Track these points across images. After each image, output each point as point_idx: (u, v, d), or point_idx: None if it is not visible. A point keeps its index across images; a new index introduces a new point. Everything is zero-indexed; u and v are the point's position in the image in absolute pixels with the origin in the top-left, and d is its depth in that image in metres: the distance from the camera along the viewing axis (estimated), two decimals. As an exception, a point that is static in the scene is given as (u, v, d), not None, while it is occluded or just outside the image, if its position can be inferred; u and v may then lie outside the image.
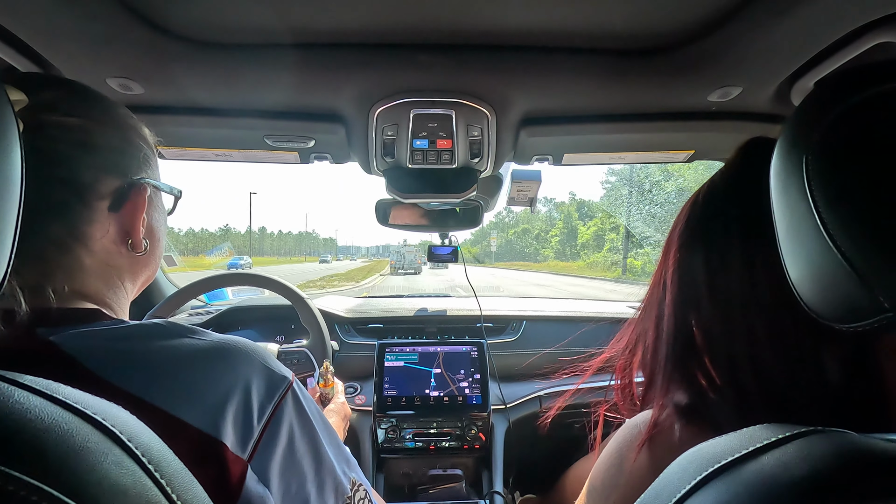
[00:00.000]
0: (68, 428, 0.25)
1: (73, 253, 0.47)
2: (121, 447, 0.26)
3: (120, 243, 0.50)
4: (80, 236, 0.47)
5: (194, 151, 0.98)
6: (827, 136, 0.32)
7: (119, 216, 0.49)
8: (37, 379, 0.27)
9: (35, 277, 0.44)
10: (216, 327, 1.48)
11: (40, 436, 0.24)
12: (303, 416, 0.49)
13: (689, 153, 1.02)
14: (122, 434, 0.27)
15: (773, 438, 0.31)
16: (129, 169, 0.50)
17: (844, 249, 0.30)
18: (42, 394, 0.26)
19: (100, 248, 0.48)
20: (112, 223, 0.49)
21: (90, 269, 0.48)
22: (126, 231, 0.50)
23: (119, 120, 0.51)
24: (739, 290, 0.45)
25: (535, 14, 0.63)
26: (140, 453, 0.27)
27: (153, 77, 0.74)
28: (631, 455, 0.49)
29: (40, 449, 0.23)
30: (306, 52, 0.70)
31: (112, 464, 0.25)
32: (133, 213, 0.50)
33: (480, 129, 0.86)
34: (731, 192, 0.49)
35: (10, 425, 0.23)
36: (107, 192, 0.48)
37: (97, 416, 0.27)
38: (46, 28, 0.62)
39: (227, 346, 0.46)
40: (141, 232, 0.51)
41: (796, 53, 0.66)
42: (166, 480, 0.27)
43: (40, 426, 0.24)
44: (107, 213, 0.48)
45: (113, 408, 0.29)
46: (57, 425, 0.25)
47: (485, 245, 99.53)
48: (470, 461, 1.30)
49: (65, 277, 0.46)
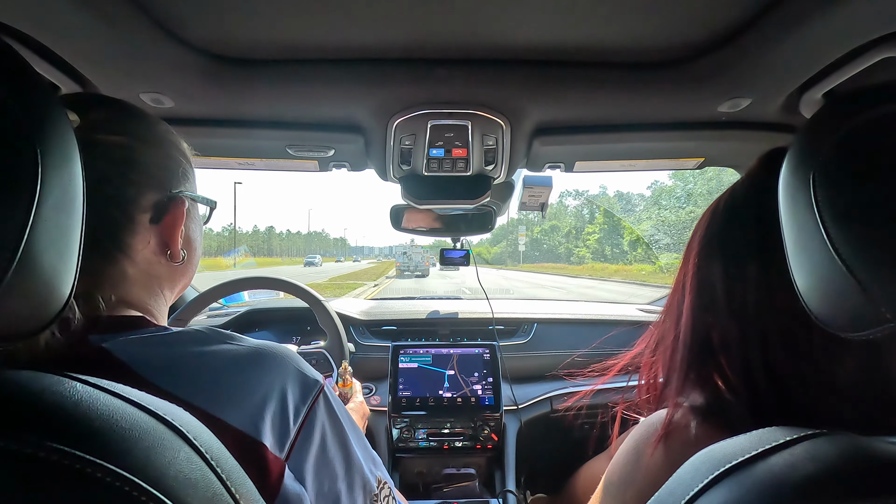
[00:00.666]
0: (146, 427, 0.28)
1: (119, 263, 0.49)
2: (189, 445, 0.29)
3: (160, 254, 0.53)
4: (124, 248, 0.49)
5: (219, 160, 1.01)
6: (833, 154, 0.34)
7: (159, 228, 0.52)
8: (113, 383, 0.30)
9: (86, 287, 0.46)
10: (234, 329, 1.51)
11: (126, 434, 0.27)
12: (333, 417, 0.52)
13: (699, 161, 1.04)
14: (189, 433, 0.30)
15: (781, 440, 0.33)
16: (168, 183, 0.53)
17: (849, 263, 0.31)
18: (122, 397, 0.29)
19: (142, 258, 0.51)
20: (153, 235, 0.52)
21: (133, 279, 0.51)
22: (165, 242, 0.53)
23: (160, 137, 0.54)
24: (755, 296, 0.47)
25: (548, 30, 0.65)
26: (204, 451, 0.30)
27: (182, 91, 0.77)
28: (648, 451, 0.50)
29: (128, 446, 0.26)
30: (327, 67, 0.73)
31: (184, 460, 0.28)
32: (172, 225, 0.52)
33: (495, 138, 0.89)
34: (750, 202, 0.50)
35: (101, 425, 0.27)
36: (148, 205, 0.51)
37: (167, 416, 0.30)
38: (85, 47, 0.65)
39: (264, 352, 0.49)
40: (179, 242, 0.53)
41: (806, 66, 0.68)
42: (226, 476, 0.30)
43: (125, 425, 0.27)
44: (148, 226, 0.51)
45: (178, 410, 0.32)
46: (137, 425, 0.28)
47: (510, 241, 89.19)
48: (483, 461, 1.33)
49: (112, 286, 0.49)
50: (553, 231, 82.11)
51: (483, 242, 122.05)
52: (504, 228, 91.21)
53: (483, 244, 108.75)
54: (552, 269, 49.64)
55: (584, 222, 79.80)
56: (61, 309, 0.32)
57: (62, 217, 0.31)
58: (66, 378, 0.28)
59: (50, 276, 0.30)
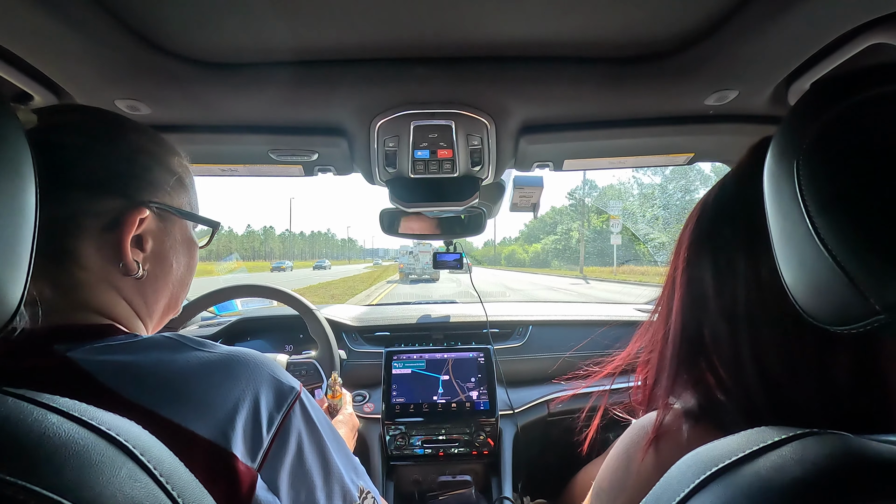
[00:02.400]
0: (84, 444, 0.26)
1: (67, 268, 0.47)
2: (134, 461, 0.27)
3: (114, 263, 0.50)
4: (70, 252, 0.47)
5: (201, 167, 1.00)
6: (817, 141, 0.33)
7: (112, 236, 0.49)
8: (54, 397, 0.28)
9: (47, 293, 0.45)
10: (226, 338, 1.50)
11: (58, 452, 0.25)
12: (311, 426, 0.50)
13: (688, 156, 1.03)
14: (134, 448, 0.28)
15: (769, 441, 0.31)
16: (130, 191, 0.50)
17: (836, 253, 0.30)
18: (59, 411, 0.27)
19: (93, 264, 0.48)
20: (105, 243, 0.49)
21: (90, 285, 0.48)
22: (116, 252, 0.49)
23: (127, 142, 0.51)
24: (745, 292, 0.45)
25: (531, 25, 0.64)
26: (152, 466, 0.28)
27: (159, 98, 0.76)
28: (638, 456, 0.49)
29: (58, 464, 0.24)
30: (307, 69, 0.72)
31: (126, 477, 0.26)
32: (120, 235, 0.49)
33: (480, 138, 0.88)
34: (740, 194, 0.49)
35: (29, 442, 0.25)
36: (103, 211, 0.48)
37: (111, 431, 0.28)
38: (57, 54, 0.64)
39: (235, 358, 0.47)
40: (131, 254, 0.50)
41: (791, 57, 0.67)
42: (178, 492, 0.29)
43: (57, 442, 0.25)
44: (99, 232, 0.48)
45: (125, 423, 0.30)
46: (73, 441, 0.26)
47: (561, 236, 64.68)
48: (479, 467, 1.31)
49: (65, 292, 0.47)
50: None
51: (511, 241, 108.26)
52: (544, 221, 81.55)
53: (515, 242, 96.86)
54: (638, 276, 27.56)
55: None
56: (10, 319, 0.30)
57: (9, 223, 0.29)
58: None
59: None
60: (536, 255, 73.66)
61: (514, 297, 15.20)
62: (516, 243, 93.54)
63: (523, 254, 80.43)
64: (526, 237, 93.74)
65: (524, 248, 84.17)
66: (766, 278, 0.43)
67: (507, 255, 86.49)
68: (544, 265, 64.72)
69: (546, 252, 69.69)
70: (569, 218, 68.91)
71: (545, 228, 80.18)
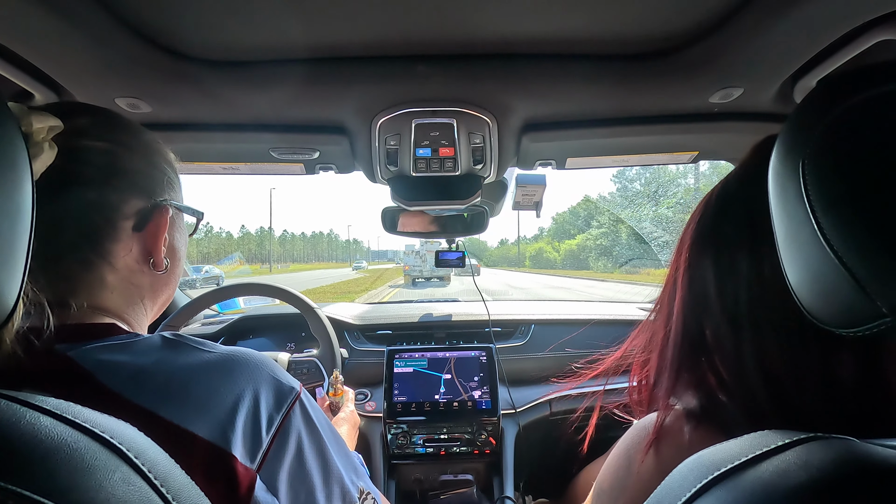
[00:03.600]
0: (77, 447, 0.26)
1: (97, 270, 0.48)
2: (128, 464, 0.27)
3: (142, 262, 0.52)
4: (104, 254, 0.48)
5: (201, 166, 1.00)
6: (824, 139, 0.32)
7: (142, 236, 0.51)
8: (48, 398, 0.28)
9: (62, 294, 0.46)
10: (228, 336, 1.50)
11: (50, 455, 0.25)
12: (311, 426, 0.50)
13: (693, 154, 1.02)
14: (129, 451, 0.28)
15: (772, 445, 0.31)
16: (153, 191, 0.52)
17: (842, 255, 0.29)
18: (52, 413, 0.27)
19: (122, 265, 0.50)
20: (135, 242, 0.51)
21: (112, 286, 0.50)
22: (148, 250, 0.52)
23: (145, 145, 0.53)
24: (747, 292, 0.45)
25: (532, 22, 0.63)
26: (147, 469, 0.28)
27: (159, 96, 0.76)
28: (638, 457, 0.49)
29: (50, 468, 0.24)
30: (307, 67, 0.71)
31: (119, 481, 0.26)
32: (155, 234, 0.52)
33: (482, 136, 0.87)
34: (742, 193, 0.48)
35: (21, 446, 0.24)
36: (131, 212, 0.50)
37: (105, 434, 0.27)
38: (57, 53, 0.64)
39: (234, 358, 0.47)
40: (162, 251, 0.52)
41: (797, 53, 0.66)
42: (172, 495, 0.28)
43: (50, 445, 0.25)
44: (131, 233, 0.50)
45: (121, 425, 0.30)
46: (66, 444, 0.25)
47: (605, 226, 49.80)
48: (481, 466, 1.30)
49: (87, 294, 0.48)
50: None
51: (530, 240, 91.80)
52: (577, 215, 68.58)
53: (542, 239, 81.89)
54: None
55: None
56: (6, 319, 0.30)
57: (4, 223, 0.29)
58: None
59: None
60: (571, 254, 62.21)
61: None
62: (543, 240, 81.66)
63: (553, 252, 70.44)
64: (555, 233, 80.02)
65: (554, 245, 73.75)
66: (770, 278, 0.43)
67: (534, 254, 77.50)
68: (582, 266, 54.33)
69: (584, 250, 56.84)
70: (617, 207, 52.12)
71: (578, 224, 68.49)
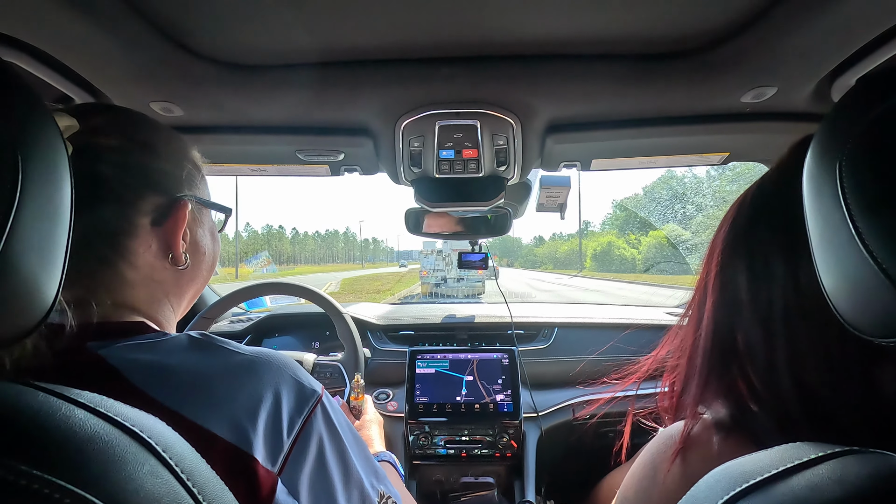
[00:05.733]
0: (109, 439, 0.27)
1: (117, 268, 0.49)
2: (156, 457, 0.28)
3: (162, 258, 0.52)
4: (123, 251, 0.49)
5: (231, 167, 1.02)
6: (863, 139, 0.31)
7: (161, 231, 0.51)
8: (83, 392, 0.29)
9: (82, 292, 0.47)
10: (255, 334, 1.54)
11: (83, 447, 0.26)
12: (332, 429, 0.50)
13: (723, 155, 0.99)
14: (157, 445, 0.29)
15: (805, 458, 0.29)
16: (171, 187, 0.52)
17: (881, 259, 0.28)
18: (86, 407, 0.28)
19: (143, 262, 0.50)
20: (154, 238, 0.51)
21: (134, 283, 0.50)
22: (167, 245, 0.52)
23: (162, 141, 0.53)
24: (782, 297, 0.43)
25: (556, 22, 0.63)
26: (174, 463, 0.29)
27: (191, 100, 0.78)
28: (664, 466, 0.48)
29: (83, 459, 0.25)
30: (332, 71, 0.72)
31: (148, 473, 0.27)
32: (173, 229, 0.52)
33: (506, 137, 0.87)
34: (779, 194, 0.46)
35: (56, 437, 0.25)
36: (149, 208, 0.50)
37: (135, 427, 0.28)
38: (93, 58, 0.66)
39: (258, 360, 0.47)
40: (181, 246, 0.53)
41: (833, 51, 0.63)
42: (198, 489, 0.29)
43: (83, 437, 0.26)
44: (149, 229, 0.51)
45: (150, 419, 0.31)
46: (98, 437, 0.26)
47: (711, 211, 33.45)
48: (502, 469, 1.29)
49: (109, 291, 0.49)
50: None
51: (610, 225, 63.15)
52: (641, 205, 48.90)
53: (602, 234, 57.42)
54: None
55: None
56: (43, 317, 0.32)
57: (45, 224, 0.30)
58: (28, 387, 0.28)
59: (31, 284, 0.30)
60: (656, 250, 47.08)
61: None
62: (607, 233, 59.77)
63: (627, 249, 52.85)
64: (622, 225, 57.80)
65: (630, 239, 52.30)
66: (806, 283, 0.41)
67: (600, 251, 61.22)
68: (681, 270, 34.21)
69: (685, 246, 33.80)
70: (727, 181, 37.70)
71: (658, 210, 48.42)
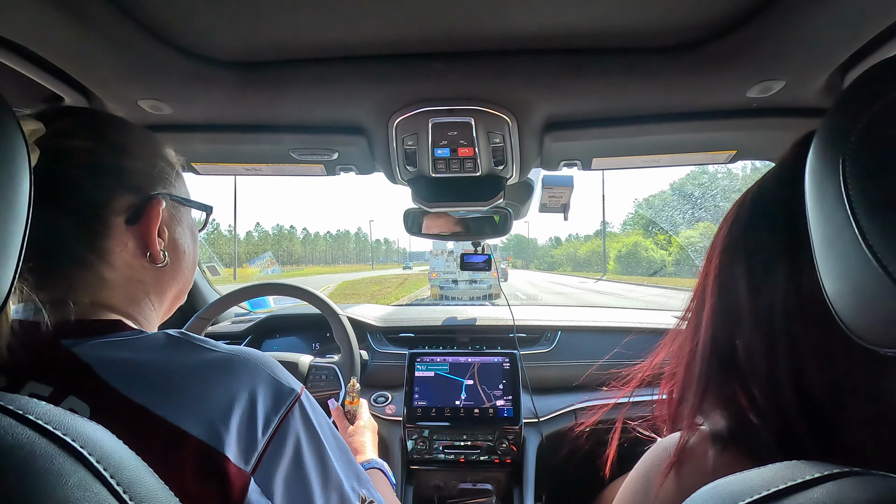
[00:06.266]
0: (32, 449, 0.25)
1: (94, 268, 0.49)
2: (87, 468, 0.26)
3: (140, 256, 0.52)
4: (99, 251, 0.49)
5: (225, 167, 1.01)
6: (867, 134, 0.29)
7: (136, 230, 0.51)
8: (16, 397, 0.28)
9: (59, 293, 0.47)
10: (256, 334, 1.54)
11: (4, 457, 0.24)
12: (311, 430, 0.49)
13: (730, 153, 0.95)
14: (90, 455, 0.27)
15: (800, 479, 0.27)
16: (143, 185, 0.52)
17: (886, 263, 0.26)
18: (13, 414, 0.26)
19: (120, 262, 0.50)
20: (130, 237, 0.51)
21: (112, 283, 0.50)
22: (144, 244, 0.52)
23: (133, 140, 0.53)
24: (784, 303, 0.40)
25: (552, 16, 0.60)
26: (109, 475, 0.27)
27: (180, 97, 0.77)
28: (657, 480, 0.45)
29: (1, 470, 0.23)
30: (322, 67, 0.71)
31: (75, 486, 0.25)
32: (148, 227, 0.51)
33: (502, 135, 0.84)
34: (781, 194, 0.44)
35: None
36: (122, 207, 0.50)
37: (66, 436, 0.27)
38: (83, 59, 0.66)
39: (234, 358, 0.47)
40: (158, 244, 0.52)
41: (844, 42, 0.60)
42: (137, 501, 0.27)
43: (5, 447, 0.24)
44: (124, 228, 0.50)
45: (88, 427, 0.29)
46: (21, 446, 0.25)
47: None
48: (501, 475, 1.27)
49: (87, 292, 0.48)
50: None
51: (633, 225, 55.28)
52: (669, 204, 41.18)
53: (627, 233, 49.82)
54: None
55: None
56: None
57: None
58: None
59: None
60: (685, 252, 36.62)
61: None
62: (631, 233, 54.23)
63: (656, 251, 45.62)
64: (647, 224, 48.06)
65: (658, 239, 44.50)
66: (809, 288, 0.38)
67: (625, 252, 52.90)
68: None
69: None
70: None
71: (684, 209, 34.96)
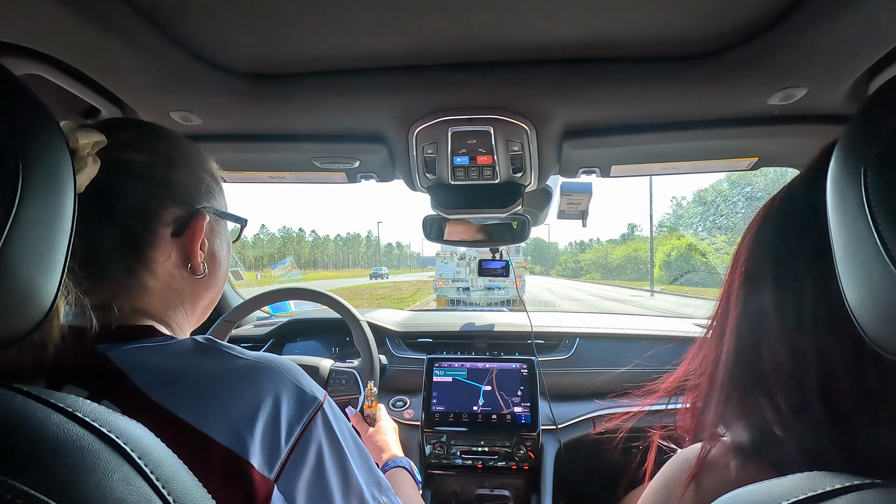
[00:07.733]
0: (81, 444, 0.27)
1: (139, 275, 0.51)
2: (130, 464, 0.28)
3: (181, 267, 0.54)
4: (145, 260, 0.51)
5: (250, 175, 1.05)
6: (890, 143, 0.28)
7: (180, 242, 0.53)
8: (66, 396, 0.30)
9: (104, 298, 0.49)
10: (277, 337, 1.56)
11: (54, 452, 0.26)
12: (332, 438, 0.50)
13: (751, 161, 0.94)
14: (133, 451, 0.28)
15: (820, 490, 0.27)
16: (191, 199, 0.54)
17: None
18: (63, 411, 0.28)
19: (163, 271, 0.53)
20: (174, 248, 0.53)
21: (153, 291, 0.52)
22: (186, 255, 0.54)
23: (184, 155, 0.56)
24: (812, 310, 0.40)
25: (569, 26, 0.61)
26: (149, 470, 0.28)
27: (208, 109, 0.80)
28: (678, 491, 0.45)
29: (52, 465, 0.25)
30: (346, 78, 0.73)
31: (119, 480, 0.27)
32: (192, 239, 0.54)
33: (520, 143, 0.85)
34: (809, 200, 0.43)
35: (26, 441, 0.26)
36: (170, 219, 0.52)
37: (111, 433, 0.29)
38: (119, 72, 0.69)
39: (259, 365, 0.48)
40: (199, 256, 0.54)
41: (868, 48, 0.59)
42: (174, 496, 0.29)
43: (55, 442, 0.26)
44: (169, 239, 0.53)
45: (130, 425, 0.31)
46: (71, 442, 0.27)
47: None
48: (519, 482, 1.26)
49: (129, 298, 0.51)
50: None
51: (673, 226, 49.98)
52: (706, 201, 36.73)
53: (674, 233, 44.86)
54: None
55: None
56: (39, 321, 0.32)
57: (44, 231, 0.31)
58: (8, 391, 0.28)
59: (27, 288, 0.30)
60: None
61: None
62: (671, 236, 48.65)
63: (716, 255, 37.42)
64: (697, 225, 42.45)
65: (716, 241, 38.86)
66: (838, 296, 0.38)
67: (671, 257, 46.80)
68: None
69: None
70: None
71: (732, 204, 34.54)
